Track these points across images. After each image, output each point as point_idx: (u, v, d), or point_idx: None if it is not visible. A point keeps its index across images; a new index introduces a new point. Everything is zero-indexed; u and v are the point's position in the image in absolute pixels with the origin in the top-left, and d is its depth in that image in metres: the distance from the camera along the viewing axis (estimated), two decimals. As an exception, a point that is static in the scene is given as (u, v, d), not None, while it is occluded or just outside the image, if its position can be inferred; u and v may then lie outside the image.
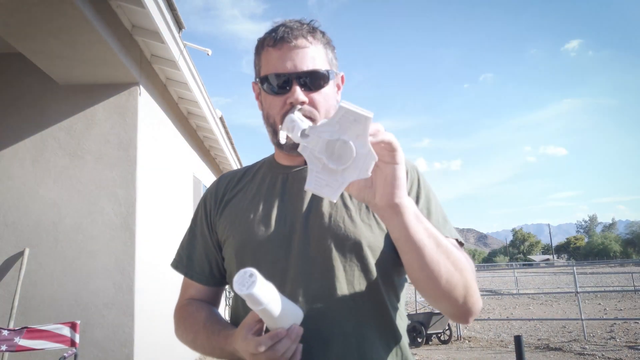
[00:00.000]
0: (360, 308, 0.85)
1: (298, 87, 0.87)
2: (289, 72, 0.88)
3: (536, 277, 28.57)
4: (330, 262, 0.86)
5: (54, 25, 3.04)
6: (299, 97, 0.87)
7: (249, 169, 1.06)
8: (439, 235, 0.75)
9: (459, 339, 8.14)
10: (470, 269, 0.80)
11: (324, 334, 0.83)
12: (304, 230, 0.89)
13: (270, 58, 0.90)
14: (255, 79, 0.97)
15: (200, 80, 4.93)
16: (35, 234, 3.79)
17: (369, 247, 0.86)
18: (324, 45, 0.93)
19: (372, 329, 0.85)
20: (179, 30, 3.95)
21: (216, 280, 1.03)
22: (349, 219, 0.88)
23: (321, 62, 0.91)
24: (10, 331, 3.14)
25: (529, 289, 19.44)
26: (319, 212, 0.89)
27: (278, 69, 0.88)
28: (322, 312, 0.84)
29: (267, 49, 0.91)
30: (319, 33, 0.93)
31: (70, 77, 3.86)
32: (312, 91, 0.89)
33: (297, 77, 0.88)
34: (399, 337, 0.89)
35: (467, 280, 0.77)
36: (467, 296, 0.78)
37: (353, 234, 0.86)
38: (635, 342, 7.22)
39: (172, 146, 5.25)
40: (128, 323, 3.68)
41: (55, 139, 3.93)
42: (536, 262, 59.62)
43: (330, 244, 0.86)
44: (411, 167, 0.97)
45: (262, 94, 0.95)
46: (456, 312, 0.80)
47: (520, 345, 3.14)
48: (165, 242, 4.62)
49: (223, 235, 0.98)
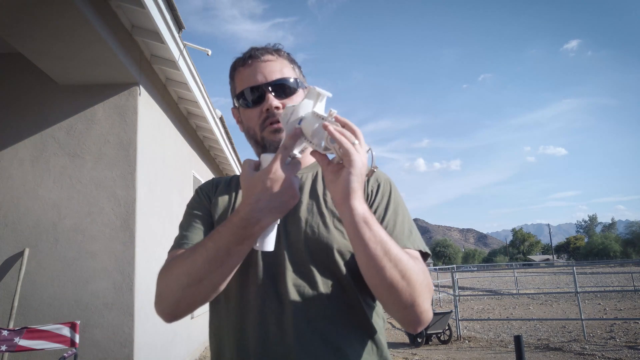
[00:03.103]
0: (334, 307, 0.91)
1: (271, 95, 0.97)
2: (260, 83, 0.97)
3: (536, 277, 28.56)
4: (306, 264, 0.92)
5: (54, 25, 3.04)
6: (273, 103, 0.96)
7: (233, 177, 1.12)
8: (391, 244, 0.80)
9: (459, 339, 8.14)
10: (422, 280, 0.83)
11: (299, 329, 0.88)
12: (285, 235, 0.95)
13: (243, 76, 1.00)
14: (233, 102, 1.06)
15: (200, 80, 4.93)
16: (35, 234, 3.79)
17: (339, 251, 0.92)
18: (289, 61, 1.04)
19: (346, 326, 0.91)
20: (178, 30, 3.95)
21: None
22: (323, 225, 0.95)
23: (289, 72, 1.01)
24: (10, 331, 3.14)
25: (529, 289, 19.44)
26: (296, 217, 0.96)
27: (251, 83, 0.98)
28: (298, 308, 0.89)
29: (239, 70, 1.02)
30: (284, 52, 1.04)
31: (70, 77, 3.86)
32: (284, 98, 0.98)
33: (268, 86, 0.97)
34: (373, 333, 0.94)
35: (413, 290, 0.80)
36: (413, 305, 0.81)
37: (325, 239, 0.93)
38: (635, 342, 7.23)
39: (171, 146, 5.25)
40: (128, 323, 3.68)
41: (55, 139, 3.93)
42: (536, 262, 59.63)
43: (306, 247, 0.93)
44: (385, 179, 1.04)
45: (240, 112, 1.04)
46: (400, 316, 0.84)
47: (520, 345, 3.14)
48: (165, 242, 4.62)
49: None
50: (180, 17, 3.82)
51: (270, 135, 0.97)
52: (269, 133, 0.97)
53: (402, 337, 8.47)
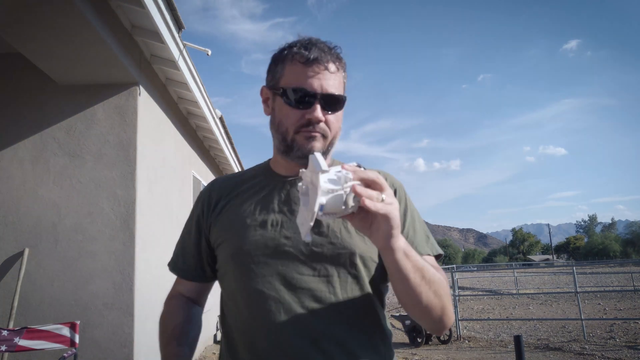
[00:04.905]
0: (351, 311, 0.92)
1: (319, 107, 0.94)
2: (315, 92, 0.93)
3: (536, 277, 28.56)
4: (324, 268, 0.92)
5: (54, 25, 3.04)
6: (319, 116, 0.94)
7: (243, 175, 1.10)
8: (425, 267, 0.83)
9: (459, 339, 8.14)
10: (447, 290, 0.89)
11: (314, 333, 0.89)
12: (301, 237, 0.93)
13: (298, 72, 0.95)
14: (270, 83, 1.01)
15: (200, 80, 4.93)
16: (35, 234, 3.79)
17: (361, 257, 0.93)
18: (344, 72, 1.01)
19: (361, 331, 0.93)
20: (178, 30, 3.95)
21: (202, 277, 1.10)
22: (345, 230, 0.95)
23: (341, 88, 0.98)
24: (10, 331, 3.14)
25: (529, 289, 19.45)
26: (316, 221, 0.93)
27: (305, 85, 0.94)
28: (314, 312, 0.90)
29: (297, 63, 0.95)
30: (343, 61, 1.00)
31: (69, 77, 3.86)
32: (328, 112, 0.96)
33: (321, 98, 0.94)
34: (384, 337, 0.97)
35: (444, 304, 0.87)
36: (442, 316, 0.88)
37: (348, 244, 0.93)
38: (635, 342, 7.23)
39: (171, 146, 5.25)
40: (128, 323, 3.68)
41: (55, 139, 3.93)
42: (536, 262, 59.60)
43: (326, 251, 0.93)
44: (398, 185, 1.06)
45: (276, 101, 0.99)
46: (432, 326, 0.90)
47: (520, 345, 3.14)
48: (165, 242, 4.62)
49: (218, 239, 1.02)
50: (180, 17, 3.82)
51: (303, 141, 0.95)
52: (302, 138, 0.95)
53: (402, 337, 8.47)
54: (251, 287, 0.93)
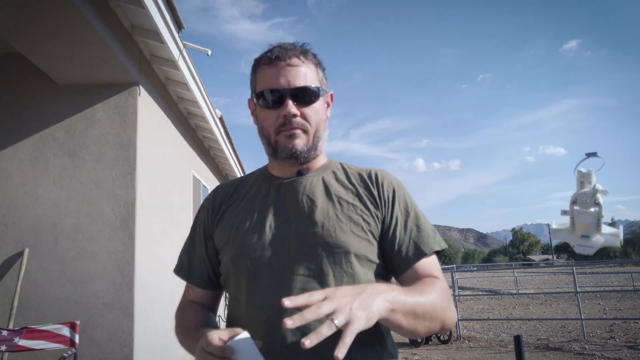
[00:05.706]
0: None
1: (290, 102, 0.96)
2: (282, 88, 0.96)
3: (536, 277, 28.56)
4: (321, 268, 0.92)
5: (53, 25, 3.04)
6: (291, 110, 0.95)
7: (244, 180, 1.13)
8: (415, 305, 0.83)
9: (459, 339, 8.14)
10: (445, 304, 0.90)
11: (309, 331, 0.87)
12: (298, 237, 0.95)
13: (266, 75, 0.98)
14: (251, 95, 1.05)
15: (199, 80, 4.93)
16: (34, 234, 3.79)
17: (356, 255, 0.94)
18: (315, 65, 1.02)
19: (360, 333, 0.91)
20: (178, 30, 3.95)
21: (214, 284, 1.11)
22: (340, 230, 0.95)
23: (312, 79, 0.99)
24: (10, 331, 3.14)
25: (529, 288, 19.45)
26: (312, 220, 0.96)
27: (272, 85, 0.97)
28: None
29: (263, 67, 0.99)
30: (311, 54, 1.02)
31: (69, 77, 3.86)
32: (303, 106, 0.97)
33: (290, 93, 0.96)
34: (381, 336, 0.96)
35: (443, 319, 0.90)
36: (442, 327, 0.91)
37: (343, 243, 0.93)
38: (635, 342, 7.23)
39: (171, 146, 5.24)
40: (128, 323, 3.68)
41: (55, 139, 3.93)
42: (536, 262, 59.63)
43: (322, 250, 0.93)
44: (397, 183, 1.06)
45: (257, 109, 1.03)
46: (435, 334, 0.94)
47: (519, 345, 3.14)
48: (165, 242, 4.62)
49: (220, 243, 1.04)
50: (180, 17, 3.82)
51: (284, 141, 0.98)
52: (283, 138, 0.98)
53: (401, 337, 8.46)
54: (248, 288, 0.94)
